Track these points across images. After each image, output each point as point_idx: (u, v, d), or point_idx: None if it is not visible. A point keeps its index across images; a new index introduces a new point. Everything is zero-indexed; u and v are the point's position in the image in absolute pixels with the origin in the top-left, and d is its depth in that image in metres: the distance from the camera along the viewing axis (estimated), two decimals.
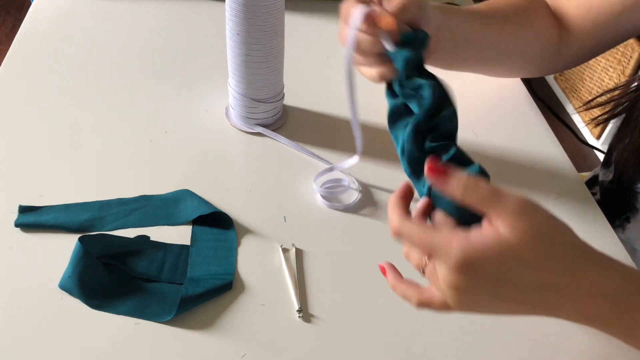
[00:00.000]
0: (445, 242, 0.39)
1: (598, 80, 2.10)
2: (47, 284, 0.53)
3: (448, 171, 0.40)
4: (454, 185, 0.39)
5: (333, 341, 0.52)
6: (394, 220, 0.43)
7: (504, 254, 0.38)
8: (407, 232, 0.42)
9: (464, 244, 0.38)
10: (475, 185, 0.39)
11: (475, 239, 0.39)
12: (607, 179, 0.74)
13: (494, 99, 0.81)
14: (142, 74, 0.79)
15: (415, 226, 0.42)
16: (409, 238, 0.42)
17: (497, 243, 0.38)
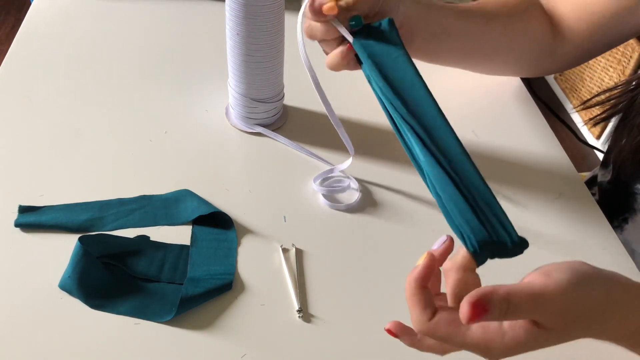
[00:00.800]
0: (482, 345, 0.38)
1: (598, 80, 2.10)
2: (47, 284, 0.53)
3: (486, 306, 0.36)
4: (495, 317, 0.37)
5: (333, 341, 0.52)
6: (419, 322, 0.40)
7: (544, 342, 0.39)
8: (437, 336, 0.39)
9: (502, 345, 0.38)
10: (515, 308, 0.37)
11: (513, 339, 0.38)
12: (606, 179, 0.74)
13: (494, 99, 0.81)
14: (142, 74, 0.79)
15: (446, 329, 0.39)
16: (439, 340, 0.40)
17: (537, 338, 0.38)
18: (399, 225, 0.62)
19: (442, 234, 0.61)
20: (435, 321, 0.39)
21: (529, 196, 0.66)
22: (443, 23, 0.62)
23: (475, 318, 0.36)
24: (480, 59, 0.71)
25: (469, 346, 0.39)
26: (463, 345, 0.39)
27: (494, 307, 0.36)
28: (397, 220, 0.62)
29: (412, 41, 0.60)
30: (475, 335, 0.38)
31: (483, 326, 0.39)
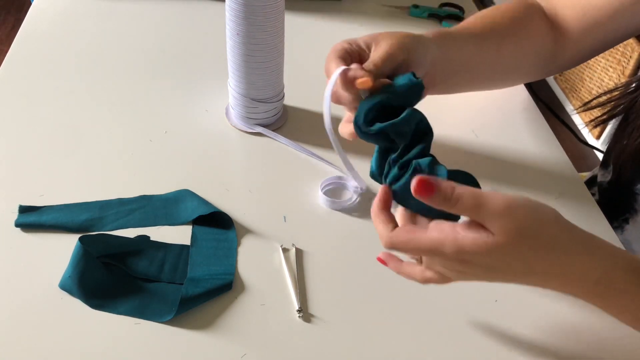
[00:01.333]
0: (437, 243, 0.42)
1: (598, 80, 2.10)
2: (47, 284, 0.53)
3: (434, 186, 0.42)
4: (439, 199, 0.42)
5: (333, 341, 0.52)
6: (384, 234, 0.46)
7: (492, 252, 0.42)
8: (399, 242, 0.45)
9: (455, 243, 0.42)
10: (458, 196, 0.42)
11: (463, 238, 0.42)
12: (606, 179, 0.74)
13: (494, 99, 0.81)
14: (142, 74, 0.79)
15: (405, 235, 0.44)
16: (403, 248, 0.45)
17: (484, 243, 0.41)
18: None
19: None
20: (396, 230, 0.45)
21: (528, 196, 0.66)
22: (462, 58, 0.62)
23: (422, 190, 0.42)
24: (489, 83, 0.70)
25: (427, 247, 0.43)
26: (422, 247, 0.43)
27: (439, 187, 0.42)
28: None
29: (435, 84, 0.59)
30: (431, 235, 0.43)
31: (438, 228, 0.43)
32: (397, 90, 0.49)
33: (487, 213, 0.41)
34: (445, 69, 0.60)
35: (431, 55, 0.56)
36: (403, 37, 0.54)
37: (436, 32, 0.60)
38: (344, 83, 0.50)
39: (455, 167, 0.68)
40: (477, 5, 1.02)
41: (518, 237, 0.41)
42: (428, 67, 0.56)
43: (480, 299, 0.56)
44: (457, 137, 0.74)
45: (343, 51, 0.54)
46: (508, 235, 0.41)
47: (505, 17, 0.67)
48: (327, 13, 0.95)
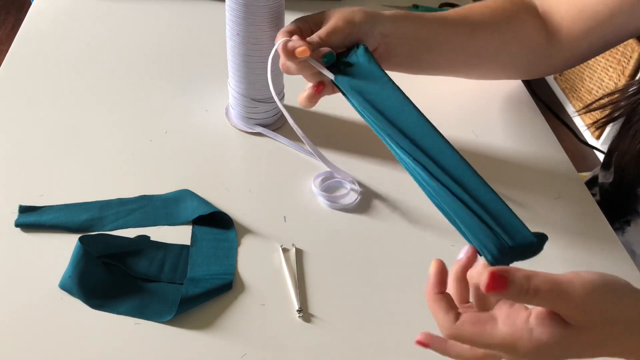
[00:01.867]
0: (509, 341, 0.38)
1: (598, 80, 2.10)
2: (47, 284, 0.53)
3: (507, 280, 0.37)
4: (514, 295, 0.37)
5: (333, 341, 0.52)
6: (445, 326, 0.41)
7: (572, 344, 0.38)
8: (464, 336, 0.40)
9: (530, 342, 0.38)
10: (535, 290, 0.37)
11: (540, 335, 0.38)
12: (607, 181, 0.74)
13: (494, 99, 0.81)
14: (142, 74, 0.79)
15: (471, 328, 0.39)
16: (468, 342, 0.40)
17: (565, 337, 0.38)
18: (398, 224, 0.62)
19: (441, 233, 0.61)
20: (460, 322, 0.40)
21: (528, 196, 0.66)
22: (422, 35, 0.63)
23: (494, 287, 0.37)
24: (466, 67, 0.71)
25: (496, 344, 0.39)
26: (490, 344, 0.39)
27: (513, 281, 0.37)
28: (396, 219, 0.62)
29: (389, 58, 0.61)
30: (503, 331, 0.38)
31: (510, 323, 0.38)
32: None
33: (570, 307, 0.37)
34: (401, 44, 0.61)
35: (382, 28, 0.59)
36: (352, 11, 0.57)
37: (398, 12, 0.62)
38: (284, 53, 0.54)
39: None
40: None
41: (600, 325, 0.38)
42: (378, 39, 0.59)
43: None
44: (457, 137, 0.74)
45: (294, 26, 0.58)
46: (591, 327, 0.37)
47: (487, 8, 0.68)
48: None
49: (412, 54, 0.63)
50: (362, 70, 0.54)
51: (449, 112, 0.77)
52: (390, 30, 0.59)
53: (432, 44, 0.64)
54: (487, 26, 0.66)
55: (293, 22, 0.58)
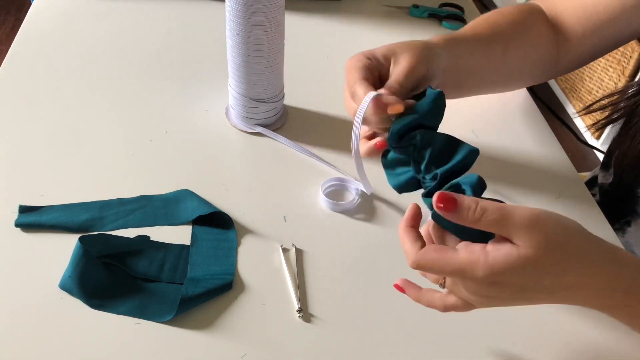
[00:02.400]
0: (467, 264, 0.41)
1: (598, 80, 2.10)
2: (47, 284, 0.53)
3: (455, 201, 0.41)
4: (463, 215, 0.41)
5: (333, 341, 0.52)
6: (410, 253, 0.43)
7: (525, 267, 0.40)
8: (426, 262, 0.43)
9: (486, 263, 0.40)
10: (482, 210, 0.40)
11: (495, 258, 0.40)
12: (607, 181, 0.74)
13: (494, 99, 0.81)
14: (142, 74, 0.79)
15: (433, 254, 0.42)
16: (429, 268, 0.43)
17: (516, 259, 0.40)
18: (398, 223, 0.62)
19: None
20: (424, 249, 0.43)
21: (528, 196, 0.67)
22: (470, 64, 0.62)
23: (445, 207, 0.41)
24: (496, 86, 0.70)
25: (456, 269, 0.41)
26: (451, 268, 0.41)
27: (462, 201, 0.41)
28: (396, 219, 0.62)
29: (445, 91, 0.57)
30: (462, 256, 0.41)
31: (468, 249, 0.41)
32: (424, 108, 0.49)
33: (514, 226, 0.40)
34: (455, 75, 0.60)
35: (443, 63, 0.56)
36: (420, 50, 0.54)
37: (445, 39, 0.60)
38: (377, 109, 0.50)
39: None
40: (477, 5, 1.02)
41: (548, 248, 0.40)
42: (441, 76, 0.56)
43: None
44: (457, 137, 0.73)
45: (366, 70, 0.53)
46: (538, 247, 0.40)
47: (509, 22, 0.67)
48: (327, 13, 0.95)
49: (459, 82, 0.62)
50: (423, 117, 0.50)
51: (449, 112, 0.77)
52: (447, 64, 0.57)
53: (474, 69, 0.63)
54: (515, 43, 0.66)
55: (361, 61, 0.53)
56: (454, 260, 0.41)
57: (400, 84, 0.51)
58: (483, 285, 0.42)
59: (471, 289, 0.43)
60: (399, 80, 0.52)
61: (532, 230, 0.40)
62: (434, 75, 0.55)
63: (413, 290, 0.48)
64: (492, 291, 0.42)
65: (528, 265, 0.40)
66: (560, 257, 0.41)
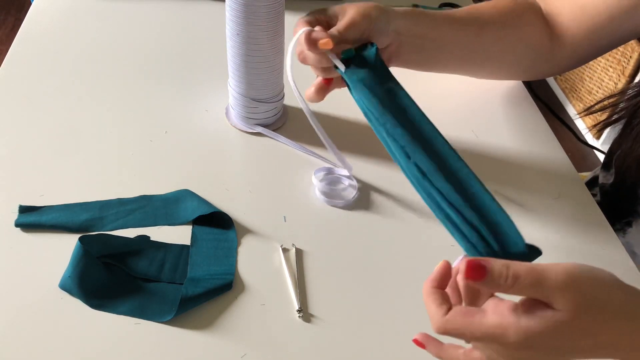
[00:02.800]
0: (497, 329, 0.38)
1: (598, 80, 2.10)
2: (47, 284, 0.53)
3: (485, 269, 0.38)
4: (495, 283, 0.38)
5: (333, 341, 0.52)
6: (435, 319, 0.41)
7: (561, 331, 0.38)
8: (452, 328, 0.40)
9: (519, 329, 0.38)
10: (515, 277, 0.38)
11: (528, 323, 0.38)
12: (608, 181, 0.74)
13: (494, 99, 0.81)
14: (142, 74, 0.79)
15: (460, 319, 0.40)
16: (456, 334, 0.40)
17: (553, 323, 0.38)
18: (398, 223, 0.62)
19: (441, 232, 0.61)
20: (450, 314, 0.40)
21: (528, 196, 0.66)
22: (432, 35, 0.63)
23: (472, 275, 0.38)
24: (472, 66, 0.71)
25: (485, 334, 0.39)
26: (480, 335, 0.39)
27: (492, 268, 0.38)
28: (396, 218, 0.62)
29: (399, 55, 0.62)
30: (491, 320, 0.39)
31: (499, 313, 0.39)
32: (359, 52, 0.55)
33: (550, 289, 0.38)
34: (413, 41, 0.62)
35: (395, 25, 0.59)
36: (368, 7, 0.58)
37: (410, 9, 0.62)
38: (307, 43, 0.54)
39: None
40: None
41: (587, 309, 0.38)
42: (391, 37, 0.59)
43: None
44: (457, 137, 0.74)
45: (312, 17, 0.58)
46: (576, 309, 0.37)
47: (492, 8, 0.68)
48: None
49: (422, 52, 0.64)
50: (372, 69, 0.55)
51: (449, 112, 0.77)
52: (403, 28, 0.60)
53: (442, 43, 0.64)
54: (494, 26, 0.67)
55: (310, 14, 0.59)
56: (482, 326, 0.39)
57: (339, 32, 0.55)
58: (514, 349, 0.39)
59: (500, 352, 0.40)
60: (338, 28, 0.56)
61: (569, 292, 0.37)
62: (381, 32, 0.58)
63: (434, 347, 0.45)
64: (523, 355, 0.40)
65: (565, 329, 0.38)
66: (601, 318, 0.38)
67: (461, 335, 0.40)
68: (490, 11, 0.67)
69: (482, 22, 0.66)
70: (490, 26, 0.66)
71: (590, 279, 0.38)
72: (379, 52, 0.56)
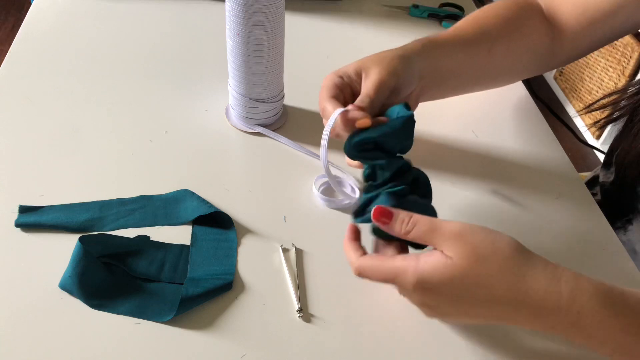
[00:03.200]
0: (401, 270, 0.44)
1: (598, 80, 2.10)
2: (47, 284, 0.53)
3: (391, 214, 0.46)
4: (397, 227, 0.46)
5: (333, 341, 0.52)
6: (352, 261, 0.48)
7: (453, 276, 0.43)
8: (364, 268, 0.47)
9: (416, 270, 0.44)
10: (414, 223, 0.45)
11: (425, 264, 0.44)
12: (608, 180, 0.74)
13: (494, 99, 0.81)
14: (142, 74, 0.79)
15: (371, 261, 0.47)
16: (369, 273, 0.47)
17: (443, 266, 0.43)
18: None
19: None
20: (363, 257, 0.47)
21: (528, 196, 0.67)
22: (450, 66, 0.62)
23: (380, 217, 0.46)
24: (485, 83, 0.71)
25: (390, 274, 0.45)
26: (386, 273, 0.45)
27: (397, 215, 0.46)
28: None
29: (422, 94, 0.61)
30: (396, 262, 0.45)
31: (403, 258, 0.45)
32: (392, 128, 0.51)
33: (443, 237, 0.44)
34: (434, 78, 0.61)
35: (419, 71, 0.58)
36: (391, 62, 0.55)
37: (424, 43, 0.61)
38: (345, 124, 0.52)
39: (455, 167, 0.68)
40: (476, 5, 1.02)
41: (474, 259, 0.42)
42: (417, 82, 0.58)
43: None
44: (457, 137, 0.74)
45: (335, 88, 0.55)
46: (464, 256, 0.42)
47: (498, 18, 0.67)
48: (327, 13, 0.95)
49: (442, 84, 0.64)
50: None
51: (449, 112, 0.77)
52: (424, 70, 0.59)
53: (459, 71, 0.64)
54: (502, 40, 0.66)
55: (332, 80, 0.56)
56: (388, 265, 0.45)
57: (370, 98, 0.53)
58: (417, 292, 0.44)
59: (409, 297, 0.47)
60: (369, 94, 0.53)
61: (459, 241, 0.43)
62: (408, 83, 0.57)
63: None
64: (427, 299, 0.45)
65: (456, 274, 0.43)
66: (487, 270, 0.42)
67: (372, 275, 0.47)
68: (495, 23, 0.66)
69: (492, 39, 0.65)
70: (499, 41, 0.65)
71: (483, 236, 0.44)
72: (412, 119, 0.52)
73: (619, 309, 0.42)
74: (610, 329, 0.42)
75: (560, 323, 0.42)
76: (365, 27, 0.93)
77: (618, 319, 0.42)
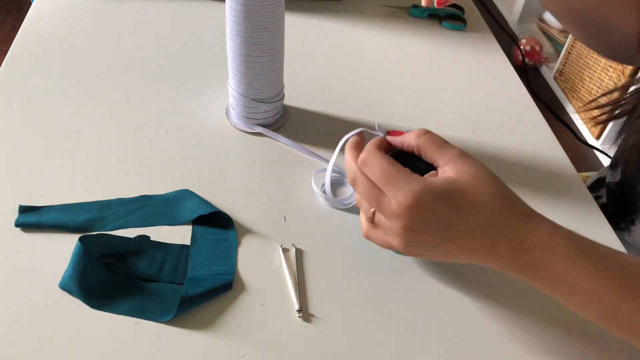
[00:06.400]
0: (407, 176, 0.45)
1: (598, 80, 2.10)
2: (47, 284, 0.53)
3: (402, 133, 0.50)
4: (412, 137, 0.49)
5: (333, 341, 0.52)
6: (352, 164, 0.49)
7: (454, 192, 0.44)
8: (372, 159, 0.47)
9: (423, 184, 0.44)
10: (430, 136, 0.48)
11: (431, 181, 0.45)
12: (615, 180, 0.74)
13: (494, 99, 0.81)
14: (142, 74, 0.79)
15: (380, 161, 0.47)
16: (372, 168, 0.47)
17: (448, 183, 0.44)
18: None
19: None
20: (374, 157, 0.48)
21: (528, 196, 0.66)
22: None
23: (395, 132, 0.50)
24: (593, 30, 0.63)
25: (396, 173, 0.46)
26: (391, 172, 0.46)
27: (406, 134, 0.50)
28: None
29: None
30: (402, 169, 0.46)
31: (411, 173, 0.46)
32: None
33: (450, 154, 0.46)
34: None
35: None
36: None
37: None
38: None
39: None
40: (477, 5, 1.02)
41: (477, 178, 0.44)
42: None
43: (481, 298, 0.56)
44: (457, 137, 0.74)
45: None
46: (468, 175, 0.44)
47: None
48: (327, 13, 0.95)
49: None
50: None
51: (450, 112, 0.77)
52: None
53: None
54: None
55: None
56: (396, 166, 0.46)
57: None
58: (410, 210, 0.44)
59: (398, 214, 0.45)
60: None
61: (464, 160, 0.46)
62: None
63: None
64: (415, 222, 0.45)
65: (457, 190, 0.44)
66: (487, 190, 0.44)
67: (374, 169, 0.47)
68: None
69: None
70: None
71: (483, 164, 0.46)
72: None
73: (591, 254, 0.44)
74: (581, 271, 0.43)
75: (533, 262, 0.44)
76: (365, 27, 0.93)
77: (589, 260, 0.44)
